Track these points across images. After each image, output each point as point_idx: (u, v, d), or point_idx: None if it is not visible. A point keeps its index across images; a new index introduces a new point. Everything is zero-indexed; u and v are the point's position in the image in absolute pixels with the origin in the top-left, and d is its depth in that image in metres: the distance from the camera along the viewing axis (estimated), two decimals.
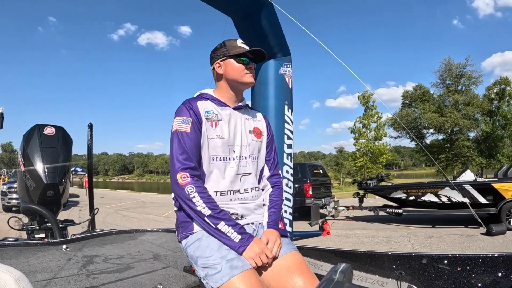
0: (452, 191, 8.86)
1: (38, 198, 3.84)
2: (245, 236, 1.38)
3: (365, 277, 1.90)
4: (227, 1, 4.76)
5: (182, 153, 1.43)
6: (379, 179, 10.86)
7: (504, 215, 8.18)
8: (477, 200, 8.67)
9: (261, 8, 4.84)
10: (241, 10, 5.30)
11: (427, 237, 7.84)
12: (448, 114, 29.25)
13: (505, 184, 8.51)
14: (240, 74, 1.57)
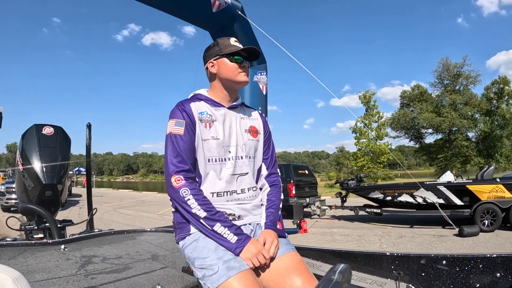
0: (427, 192, 9.00)
1: (37, 198, 3.83)
2: (242, 237, 1.37)
3: (364, 278, 1.90)
4: (203, 18, 5.52)
5: (176, 156, 1.42)
6: (358, 180, 11.12)
7: (478, 217, 8.23)
8: (452, 201, 8.78)
9: (234, 21, 5.64)
10: (217, 24, 5.98)
11: (399, 237, 7.95)
12: (445, 114, 29.26)
13: (480, 186, 8.58)
14: (233, 73, 1.55)
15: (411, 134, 33.76)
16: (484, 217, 8.19)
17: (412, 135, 34.01)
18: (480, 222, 8.14)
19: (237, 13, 6.40)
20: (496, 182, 8.46)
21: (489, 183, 8.54)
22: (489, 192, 8.42)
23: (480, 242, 7.15)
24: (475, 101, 29.63)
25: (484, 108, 30.07)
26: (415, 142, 35.63)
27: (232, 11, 6.22)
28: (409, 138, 34.51)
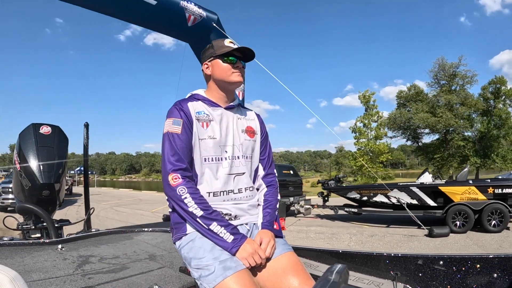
0: (400, 193, 9.16)
1: (34, 197, 3.82)
2: (238, 236, 1.38)
3: (361, 278, 1.90)
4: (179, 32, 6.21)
5: (173, 155, 1.43)
6: (337, 180, 11.38)
7: (450, 218, 8.31)
8: (425, 202, 8.92)
9: (210, 33, 6.25)
10: (194, 36, 6.58)
11: (370, 236, 8.11)
12: (439, 114, 29.26)
13: (452, 188, 8.68)
14: (226, 73, 1.56)
15: (408, 134, 33.75)
16: (456, 218, 8.28)
17: (409, 135, 34.00)
18: (452, 223, 8.24)
19: (213, 25, 7.05)
20: (468, 184, 8.58)
21: (462, 185, 8.65)
22: (461, 194, 8.52)
23: (448, 243, 7.23)
24: (471, 101, 29.62)
25: (480, 108, 30.08)
26: (413, 142, 35.64)
27: (207, 24, 7.11)
28: (406, 138, 34.51)
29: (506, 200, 8.17)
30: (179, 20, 6.73)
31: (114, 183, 69.86)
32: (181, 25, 6.80)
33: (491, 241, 7.21)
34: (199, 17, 6.90)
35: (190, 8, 6.74)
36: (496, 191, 8.27)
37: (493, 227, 7.95)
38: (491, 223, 7.99)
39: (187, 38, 7.53)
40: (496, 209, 7.98)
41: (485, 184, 8.51)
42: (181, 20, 6.74)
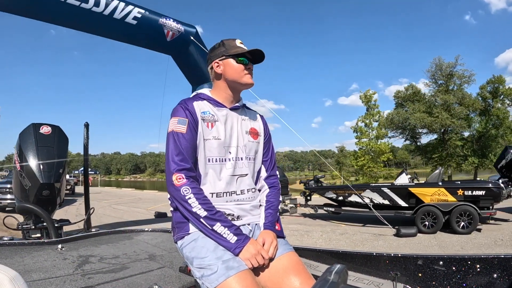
0: (373, 193, 9.41)
1: (34, 197, 3.82)
2: (241, 237, 1.37)
3: (361, 278, 1.90)
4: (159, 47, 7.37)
5: (177, 154, 1.42)
6: (315, 181, 11.67)
7: (419, 219, 8.48)
8: (396, 203, 9.13)
9: (189, 46, 7.18)
10: (173, 50, 7.50)
11: (341, 234, 8.34)
12: (435, 114, 29.19)
13: (422, 189, 8.86)
14: (239, 74, 1.55)
15: (407, 134, 33.72)
16: (425, 219, 8.43)
17: (408, 135, 33.97)
18: (421, 224, 8.40)
19: (191, 39, 7.79)
20: (438, 186, 8.71)
21: (431, 187, 8.80)
22: (431, 195, 8.65)
23: (412, 242, 7.38)
24: (468, 100, 29.54)
25: (478, 107, 30.00)
26: (411, 142, 35.62)
27: (185, 37, 7.88)
28: (405, 138, 34.48)
29: (478, 202, 8.25)
30: (158, 36, 7.59)
31: (119, 183, 70.28)
32: (160, 40, 7.67)
33: (456, 242, 7.31)
34: (178, 32, 7.75)
35: (168, 25, 7.59)
36: (466, 193, 8.36)
37: (462, 228, 8.06)
38: (460, 224, 8.11)
39: (168, 52, 8.47)
40: (465, 211, 8.11)
41: (454, 186, 8.66)
42: (160, 36, 7.61)
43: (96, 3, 6.47)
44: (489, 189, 8.19)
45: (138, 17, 7.13)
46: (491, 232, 8.00)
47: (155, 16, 7.45)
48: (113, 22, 6.89)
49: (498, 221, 9.17)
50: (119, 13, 6.83)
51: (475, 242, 7.23)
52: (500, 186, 8.29)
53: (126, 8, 6.92)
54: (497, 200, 8.27)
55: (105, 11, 6.66)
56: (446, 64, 30.05)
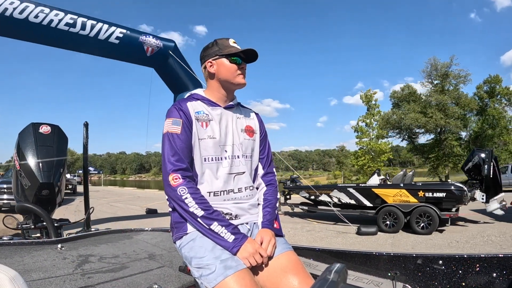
0: (340, 193, 9.96)
1: (33, 197, 3.82)
2: (239, 236, 1.38)
3: (360, 277, 1.90)
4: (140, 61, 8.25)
5: (173, 155, 1.43)
6: (291, 181, 12.20)
7: (381, 218, 8.87)
8: (362, 203, 9.59)
9: (167, 58, 8.06)
10: (154, 64, 8.48)
11: (307, 231, 8.83)
12: (430, 114, 29.08)
13: (385, 190, 9.26)
14: (232, 74, 1.56)
15: (404, 134, 33.65)
16: (387, 219, 8.79)
17: (405, 135, 33.89)
18: (382, 223, 8.77)
19: (169, 53, 8.78)
20: (400, 187, 9.06)
21: (393, 188, 9.16)
22: (393, 196, 9.00)
23: (369, 241, 7.75)
24: (464, 100, 29.42)
25: (473, 107, 29.88)
26: (408, 142, 35.56)
27: (164, 52, 8.88)
28: (402, 138, 34.42)
29: (440, 203, 8.47)
30: (139, 52, 8.72)
31: (125, 182, 70.51)
32: (141, 56, 8.81)
33: (410, 242, 7.57)
34: (157, 47, 8.86)
35: (148, 41, 8.74)
36: (426, 195, 8.61)
37: (422, 229, 8.29)
38: (420, 225, 8.35)
39: (149, 65, 9.44)
40: (425, 212, 8.35)
41: (415, 187, 8.92)
42: (140, 52, 8.73)
43: (82, 26, 7.76)
44: (450, 191, 8.39)
45: (120, 37, 8.34)
46: (452, 233, 8.17)
47: (136, 34, 8.71)
48: (98, 42, 8.10)
49: (469, 222, 9.43)
50: (103, 34, 8.08)
51: (430, 242, 7.47)
52: (462, 188, 8.46)
53: (109, 29, 8.16)
54: (459, 202, 8.46)
55: (90, 33, 7.90)
56: (441, 64, 29.94)
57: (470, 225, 9.10)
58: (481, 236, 7.58)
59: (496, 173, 8.92)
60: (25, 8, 7.20)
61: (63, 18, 7.60)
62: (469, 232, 8.25)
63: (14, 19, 7.21)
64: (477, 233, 8.00)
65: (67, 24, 7.63)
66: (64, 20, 7.62)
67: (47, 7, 7.52)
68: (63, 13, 7.64)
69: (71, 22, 7.70)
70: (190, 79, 9.23)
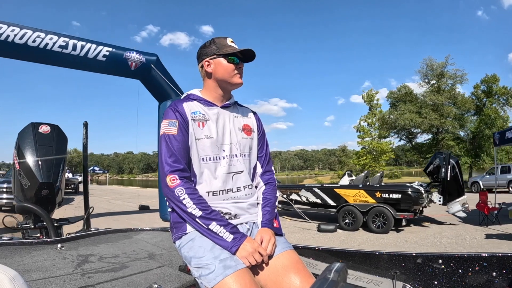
0: (307, 193, 10.58)
1: (33, 196, 3.82)
2: (238, 235, 1.38)
3: (360, 276, 1.90)
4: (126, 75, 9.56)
5: (170, 156, 1.43)
6: None
7: (341, 217, 9.49)
8: (326, 202, 10.23)
9: (150, 71, 9.44)
10: (138, 76, 9.76)
11: None
12: (424, 114, 28.99)
13: (345, 190, 9.88)
14: (229, 74, 1.55)
15: (402, 134, 33.56)
16: (346, 217, 9.40)
17: (403, 135, 33.82)
18: (342, 222, 9.40)
19: (151, 66, 9.99)
20: (358, 188, 9.68)
21: (353, 188, 9.80)
22: (353, 196, 9.59)
23: (326, 237, 8.28)
24: (460, 100, 29.29)
25: (470, 107, 29.75)
26: (406, 142, 35.50)
27: (147, 65, 10.00)
28: (399, 138, 34.37)
29: (398, 204, 8.89)
30: (124, 67, 9.89)
31: (131, 182, 70.75)
32: (126, 70, 10.00)
33: (359, 240, 8.10)
34: (140, 62, 10.06)
35: (132, 57, 9.92)
36: (383, 196, 9.11)
37: (378, 228, 8.76)
38: (376, 224, 8.84)
39: (135, 77, 10.60)
40: (380, 212, 8.85)
41: (373, 188, 9.44)
42: (125, 67, 9.89)
43: (73, 47, 9.00)
44: (405, 193, 8.84)
45: (106, 54, 9.49)
46: (408, 233, 8.59)
47: (121, 51, 9.79)
48: (88, 60, 9.30)
49: (435, 224, 9.76)
50: (91, 53, 9.26)
51: (380, 241, 7.87)
52: (418, 190, 8.86)
53: (97, 48, 9.33)
54: (416, 203, 8.84)
55: (80, 53, 9.10)
56: (436, 64, 29.81)
57: (433, 226, 9.41)
58: (434, 237, 7.88)
59: (457, 176, 9.29)
60: (24, 34, 8.43)
61: (57, 41, 8.84)
62: (426, 232, 8.58)
63: (15, 44, 8.41)
64: (434, 234, 8.32)
65: (60, 46, 8.87)
66: (58, 43, 8.85)
67: (43, 32, 8.73)
68: (56, 36, 8.87)
69: (63, 44, 8.92)
70: (172, 88, 10.50)
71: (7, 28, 8.32)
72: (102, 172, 50.18)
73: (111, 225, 9.74)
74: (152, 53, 10.52)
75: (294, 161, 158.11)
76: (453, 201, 9.21)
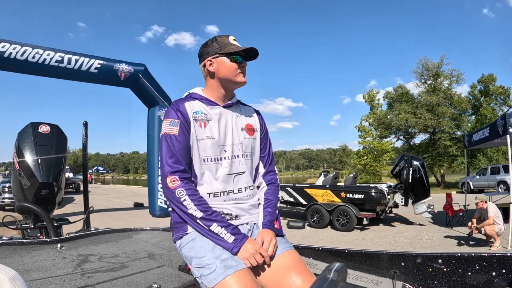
0: (282, 192, 11.00)
1: (33, 196, 3.81)
2: (239, 236, 1.37)
3: (360, 276, 1.90)
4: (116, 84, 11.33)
5: (171, 157, 1.41)
6: None
7: (309, 215, 10.13)
8: (298, 200, 10.83)
9: (138, 80, 11.29)
10: (127, 85, 11.47)
11: None
12: (418, 115, 28.91)
13: (314, 190, 10.51)
14: (233, 73, 1.53)
15: (399, 134, 33.44)
16: (314, 215, 10.01)
17: (400, 135, 33.73)
18: (310, 219, 10.01)
19: (139, 76, 11.16)
20: (325, 188, 10.33)
21: (320, 188, 10.43)
22: (321, 196, 10.21)
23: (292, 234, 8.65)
24: (456, 100, 29.17)
25: (466, 107, 29.63)
26: (404, 142, 35.42)
27: (135, 75, 11.60)
28: (397, 138, 34.27)
29: (363, 204, 9.46)
30: (114, 77, 11.25)
31: (137, 181, 70.87)
32: (116, 80, 11.38)
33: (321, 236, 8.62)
34: (128, 72, 11.40)
35: (121, 68, 11.25)
36: (347, 196, 9.74)
37: (341, 226, 9.36)
38: (340, 222, 9.42)
39: (125, 86, 11.88)
40: (343, 211, 9.45)
41: (338, 189, 10.10)
42: (115, 77, 11.25)
43: (68, 61, 10.28)
44: (368, 194, 9.42)
45: (98, 67, 10.81)
46: (371, 232, 9.09)
47: (111, 63, 11.08)
48: (81, 72, 10.61)
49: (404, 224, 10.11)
50: (85, 66, 10.55)
51: (339, 238, 8.34)
52: (381, 191, 9.38)
53: (89, 62, 10.63)
54: (378, 204, 9.35)
55: (75, 66, 10.39)
56: (432, 64, 29.70)
57: (400, 226, 9.71)
58: (393, 237, 8.28)
59: (423, 178, 9.60)
60: (24, 51, 9.63)
61: (53, 56, 10.03)
62: (388, 232, 8.93)
63: (17, 60, 9.61)
64: (395, 233, 8.74)
65: (56, 61, 10.08)
66: (54, 58, 10.04)
67: (41, 48, 9.91)
68: (53, 52, 10.05)
69: (59, 59, 10.14)
70: (160, 95, 11.99)
71: (10, 46, 9.46)
72: (106, 172, 50.63)
73: (105, 220, 9.98)
74: (140, 63, 11.78)
75: (298, 161, 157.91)
76: (419, 202, 9.61)
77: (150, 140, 12.31)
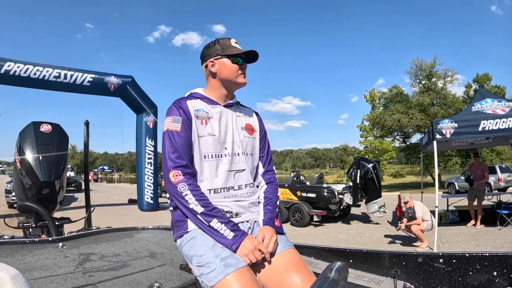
0: None
1: (34, 195, 3.82)
2: (238, 233, 1.38)
3: (361, 275, 1.90)
4: (107, 95, 13.33)
5: (173, 152, 1.44)
6: None
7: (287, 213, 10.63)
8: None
9: (126, 90, 13.39)
10: (117, 95, 13.55)
11: None
12: (410, 114, 28.80)
13: (284, 190, 10.89)
14: (234, 74, 1.57)
15: (396, 134, 33.32)
16: (294, 214, 10.40)
17: (396, 135, 33.61)
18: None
19: (127, 86, 13.23)
20: (284, 187, 10.97)
21: (281, 187, 10.70)
22: (282, 194, 10.63)
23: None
24: (450, 100, 29.04)
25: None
26: (400, 142, 35.30)
27: (123, 86, 13.33)
28: (393, 138, 34.15)
29: (317, 202, 10.15)
30: (105, 89, 12.93)
31: None
32: (106, 91, 13.03)
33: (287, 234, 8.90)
34: (117, 84, 13.07)
35: (110, 81, 12.93)
36: (302, 194, 10.49)
37: (296, 222, 10.17)
38: (295, 219, 10.24)
39: (115, 96, 13.44)
40: (298, 208, 10.28)
41: (295, 188, 10.83)
42: (106, 89, 12.93)
43: (64, 76, 12.03)
44: (319, 193, 10.16)
45: (90, 80, 12.52)
46: (320, 228, 9.69)
47: (102, 76, 12.76)
48: (76, 85, 12.33)
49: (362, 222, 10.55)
50: (79, 80, 12.27)
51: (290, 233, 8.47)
52: (332, 191, 10.07)
53: (83, 76, 12.39)
54: (329, 202, 10.02)
55: (70, 80, 12.11)
56: (425, 64, 29.55)
57: (355, 224, 10.26)
58: (338, 233, 8.88)
59: (374, 179, 9.90)
60: (27, 68, 11.36)
61: (52, 72, 11.73)
62: (337, 229, 9.53)
63: (21, 77, 11.32)
64: (342, 230, 9.26)
65: (54, 76, 11.80)
66: (53, 74, 11.76)
67: (41, 66, 11.62)
68: (51, 68, 11.75)
69: (57, 75, 11.84)
70: (145, 104, 13.65)
71: (14, 64, 11.18)
72: (111, 171, 51.08)
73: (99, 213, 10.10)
74: (128, 75, 13.44)
75: (305, 160, 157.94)
76: (371, 202, 9.88)
77: (138, 143, 13.99)
